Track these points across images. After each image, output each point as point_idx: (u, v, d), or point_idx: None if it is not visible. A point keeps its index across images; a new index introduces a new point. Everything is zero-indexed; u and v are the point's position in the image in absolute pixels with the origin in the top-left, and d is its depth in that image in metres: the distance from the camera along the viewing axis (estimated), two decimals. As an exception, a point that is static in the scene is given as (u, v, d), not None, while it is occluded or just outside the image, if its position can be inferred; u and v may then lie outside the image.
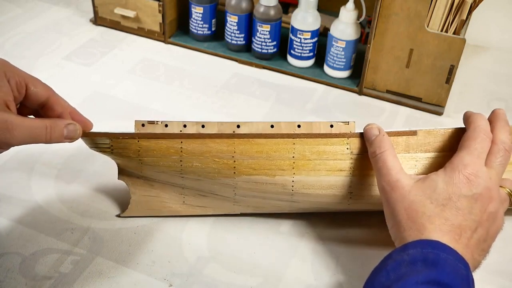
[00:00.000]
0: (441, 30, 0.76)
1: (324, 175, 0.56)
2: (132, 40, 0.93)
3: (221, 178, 0.56)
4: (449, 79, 0.78)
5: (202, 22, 0.90)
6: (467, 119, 0.55)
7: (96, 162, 0.67)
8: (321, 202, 0.58)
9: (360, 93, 0.84)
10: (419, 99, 0.81)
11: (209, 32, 0.91)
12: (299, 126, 0.57)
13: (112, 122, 0.75)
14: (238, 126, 0.57)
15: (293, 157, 0.55)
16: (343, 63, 0.83)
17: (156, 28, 0.92)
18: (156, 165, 0.56)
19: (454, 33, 0.76)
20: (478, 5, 0.76)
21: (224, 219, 0.61)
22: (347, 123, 0.57)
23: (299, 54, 0.86)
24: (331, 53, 0.83)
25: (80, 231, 0.59)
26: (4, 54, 0.87)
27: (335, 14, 0.82)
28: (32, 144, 0.49)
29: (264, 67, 0.88)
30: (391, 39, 0.78)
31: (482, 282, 0.55)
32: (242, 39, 0.89)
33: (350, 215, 0.62)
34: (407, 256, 0.45)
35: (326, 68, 0.86)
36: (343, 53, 0.82)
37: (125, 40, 0.93)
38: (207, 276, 0.55)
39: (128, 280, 0.54)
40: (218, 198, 0.59)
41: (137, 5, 0.91)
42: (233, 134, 0.56)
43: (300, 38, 0.84)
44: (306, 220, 0.62)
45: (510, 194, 0.54)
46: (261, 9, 0.84)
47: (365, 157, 0.56)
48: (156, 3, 0.89)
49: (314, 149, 0.56)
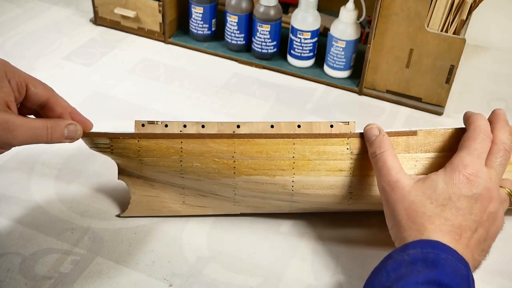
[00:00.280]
0: (441, 30, 0.76)
1: (324, 175, 0.56)
2: (132, 40, 0.93)
3: (221, 178, 0.56)
4: (449, 79, 0.78)
5: (202, 22, 0.90)
6: (467, 119, 0.55)
7: (96, 162, 0.67)
8: (321, 202, 0.58)
9: (360, 93, 0.84)
10: (419, 99, 0.81)
11: (209, 32, 0.91)
12: (299, 126, 0.57)
13: (112, 122, 0.75)
14: (238, 126, 0.57)
15: (293, 157, 0.55)
16: (343, 63, 0.83)
17: (156, 28, 0.92)
18: (156, 165, 0.56)
19: (454, 33, 0.76)
20: (478, 5, 0.76)
21: (224, 219, 0.61)
22: (347, 123, 0.57)
23: (299, 54, 0.86)
24: (331, 53, 0.83)
25: (80, 231, 0.59)
26: (4, 54, 0.87)
27: (335, 14, 0.82)
28: (32, 144, 0.49)
29: (264, 67, 0.88)
30: (391, 39, 0.78)
31: (482, 282, 0.55)
32: (242, 39, 0.89)
33: (350, 215, 0.62)
34: (407, 256, 0.45)
35: (326, 68, 0.86)
36: (343, 53, 0.82)
37: (125, 40, 0.93)
38: (207, 276, 0.55)
39: (128, 280, 0.54)
40: (218, 198, 0.59)
41: (137, 5, 0.91)
42: (233, 134, 0.56)
43: (300, 38, 0.84)
44: (306, 220, 0.62)
45: (510, 194, 0.54)
46: (261, 9, 0.84)
47: (365, 157, 0.56)
48: (156, 3, 0.89)
49: (314, 149, 0.56)
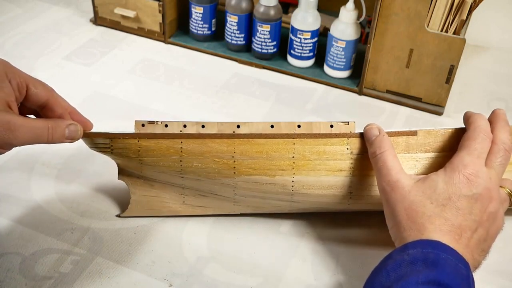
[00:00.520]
0: (441, 30, 0.76)
1: (324, 175, 0.56)
2: (132, 40, 0.93)
3: (221, 178, 0.56)
4: (449, 79, 0.78)
5: (202, 22, 0.90)
6: (467, 119, 0.55)
7: (96, 162, 0.67)
8: (321, 202, 0.58)
9: (360, 93, 0.84)
10: (419, 99, 0.81)
11: (209, 32, 0.91)
12: (299, 126, 0.57)
13: (112, 122, 0.75)
14: (238, 126, 0.57)
15: (293, 157, 0.55)
16: (343, 63, 0.83)
17: (156, 28, 0.92)
18: (156, 165, 0.56)
19: (454, 33, 0.76)
20: (478, 5, 0.76)
21: (224, 219, 0.61)
22: (347, 123, 0.57)
23: (299, 54, 0.86)
24: (331, 53, 0.83)
25: (80, 231, 0.59)
26: (4, 54, 0.87)
27: (335, 14, 0.82)
28: (33, 144, 0.49)
29: (264, 67, 0.88)
30: (391, 39, 0.78)
31: (482, 282, 0.55)
32: (242, 39, 0.89)
33: (350, 215, 0.62)
34: (407, 256, 0.45)
35: (326, 68, 0.86)
36: (343, 53, 0.82)
37: (125, 40, 0.93)
38: (207, 276, 0.55)
39: (128, 280, 0.54)
40: (218, 198, 0.59)
41: (137, 5, 0.91)
42: (233, 134, 0.56)
43: (300, 38, 0.84)
44: (306, 220, 0.62)
45: (510, 194, 0.54)
46: (261, 9, 0.84)
47: (365, 157, 0.55)
48: (156, 3, 0.89)
49: (314, 149, 0.56)
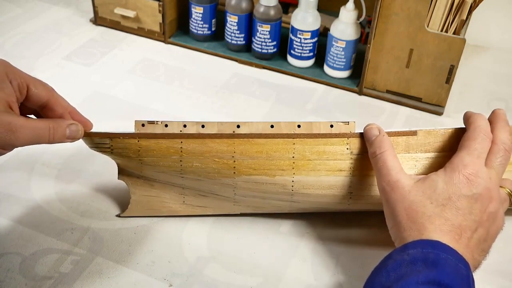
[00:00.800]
0: (441, 30, 0.76)
1: (324, 175, 0.56)
2: (132, 40, 0.93)
3: (221, 178, 0.56)
4: (449, 79, 0.78)
5: (202, 22, 0.90)
6: (467, 119, 0.55)
7: (96, 162, 0.67)
8: (321, 202, 0.58)
9: (360, 93, 0.84)
10: (419, 99, 0.81)
11: (209, 32, 0.91)
12: (299, 126, 0.57)
13: (112, 122, 0.75)
14: (238, 126, 0.57)
15: (293, 157, 0.55)
16: (343, 63, 0.83)
17: (156, 28, 0.92)
18: (156, 165, 0.56)
19: (454, 33, 0.76)
20: (478, 5, 0.76)
21: (224, 219, 0.61)
22: (347, 123, 0.57)
23: (299, 54, 0.86)
24: (331, 53, 0.83)
25: (80, 231, 0.59)
26: (4, 54, 0.87)
27: (335, 14, 0.82)
28: (34, 145, 0.49)
29: (264, 67, 0.88)
30: (391, 39, 0.78)
31: (482, 282, 0.55)
32: (242, 39, 0.89)
33: (350, 215, 0.62)
34: (407, 256, 0.45)
35: (326, 68, 0.86)
36: (343, 53, 0.82)
37: (125, 40, 0.93)
38: (207, 276, 0.55)
39: (128, 280, 0.54)
40: (218, 198, 0.59)
41: (137, 5, 0.91)
42: (233, 134, 0.56)
43: (300, 38, 0.84)
44: (306, 220, 0.62)
45: (510, 194, 0.54)
46: (261, 9, 0.84)
47: (365, 157, 0.55)
48: (156, 3, 0.89)
49: (314, 149, 0.56)
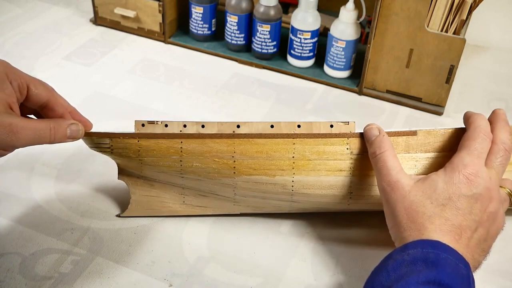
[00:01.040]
0: (441, 30, 0.76)
1: (324, 175, 0.56)
2: (132, 40, 0.93)
3: (221, 178, 0.56)
4: (449, 79, 0.78)
5: (202, 22, 0.90)
6: (467, 119, 0.55)
7: (96, 162, 0.67)
8: (321, 202, 0.58)
9: (360, 93, 0.84)
10: (419, 99, 0.81)
11: (209, 32, 0.91)
12: (299, 126, 0.57)
13: (112, 122, 0.75)
14: (238, 126, 0.57)
15: (293, 157, 0.55)
16: (343, 63, 0.83)
17: (156, 28, 0.92)
18: (156, 165, 0.56)
19: (454, 33, 0.76)
20: (478, 5, 0.76)
21: (224, 219, 0.61)
22: (347, 123, 0.57)
23: (299, 54, 0.86)
24: (331, 53, 0.83)
25: (80, 231, 0.59)
26: (4, 54, 0.87)
27: (335, 14, 0.82)
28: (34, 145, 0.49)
29: (264, 67, 0.88)
30: (391, 39, 0.78)
31: (482, 282, 0.55)
32: (242, 39, 0.89)
33: (350, 215, 0.62)
34: (407, 256, 0.45)
35: (326, 68, 0.86)
36: (343, 53, 0.82)
37: (125, 40, 0.93)
38: (207, 276, 0.55)
39: (128, 280, 0.54)
40: (218, 198, 0.59)
41: (137, 5, 0.91)
42: (233, 134, 0.56)
43: (300, 38, 0.84)
44: (306, 220, 0.62)
45: (510, 194, 0.54)
46: (261, 9, 0.84)
47: (365, 157, 0.55)
48: (156, 3, 0.89)
49: (314, 149, 0.56)
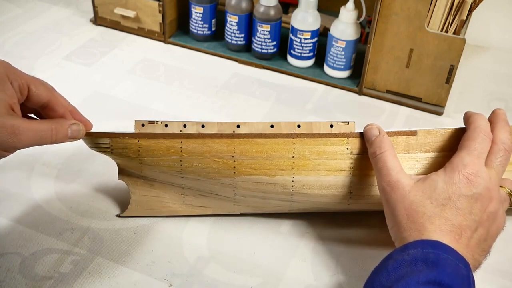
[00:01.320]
0: (441, 30, 0.76)
1: (324, 175, 0.56)
2: (132, 40, 0.93)
3: (221, 178, 0.56)
4: (449, 79, 0.78)
5: (202, 22, 0.90)
6: (467, 119, 0.55)
7: (96, 162, 0.67)
8: (321, 202, 0.58)
9: (360, 93, 0.84)
10: (419, 99, 0.81)
11: (209, 32, 0.91)
12: (299, 126, 0.57)
13: (112, 122, 0.75)
14: (238, 126, 0.57)
15: (293, 157, 0.55)
16: (343, 63, 0.83)
17: (156, 28, 0.92)
18: (156, 165, 0.56)
19: (454, 33, 0.76)
20: (478, 5, 0.76)
21: (224, 219, 0.61)
22: (347, 123, 0.57)
23: (299, 54, 0.86)
24: (331, 53, 0.83)
25: (80, 231, 0.59)
26: (4, 54, 0.87)
27: (335, 14, 0.82)
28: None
29: (264, 67, 0.88)
30: (391, 39, 0.78)
31: (482, 282, 0.55)
32: (242, 39, 0.89)
33: (350, 215, 0.62)
34: (407, 256, 0.45)
35: (326, 68, 0.86)
36: (343, 53, 0.82)
37: (125, 40, 0.93)
38: (207, 276, 0.55)
39: (128, 280, 0.54)
40: (218, 198, 0.59)
41: (137, 5, 0.91)
42: (233, 134, 0.56)
43: (300, 38, 0.84)
44: (306, 220, 0.62)
45: (510, 194, 0.54)
46: (261, 9, 0.84)
47: (365, 157, 0.55)
48: (156, 3, 0.89)
49: (314, 149, 0.56)
